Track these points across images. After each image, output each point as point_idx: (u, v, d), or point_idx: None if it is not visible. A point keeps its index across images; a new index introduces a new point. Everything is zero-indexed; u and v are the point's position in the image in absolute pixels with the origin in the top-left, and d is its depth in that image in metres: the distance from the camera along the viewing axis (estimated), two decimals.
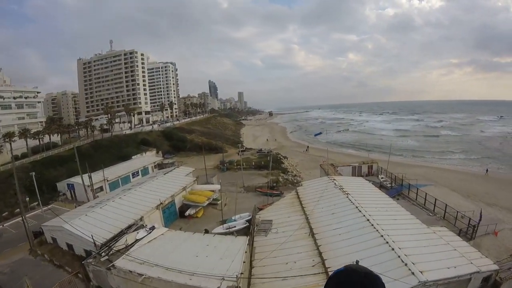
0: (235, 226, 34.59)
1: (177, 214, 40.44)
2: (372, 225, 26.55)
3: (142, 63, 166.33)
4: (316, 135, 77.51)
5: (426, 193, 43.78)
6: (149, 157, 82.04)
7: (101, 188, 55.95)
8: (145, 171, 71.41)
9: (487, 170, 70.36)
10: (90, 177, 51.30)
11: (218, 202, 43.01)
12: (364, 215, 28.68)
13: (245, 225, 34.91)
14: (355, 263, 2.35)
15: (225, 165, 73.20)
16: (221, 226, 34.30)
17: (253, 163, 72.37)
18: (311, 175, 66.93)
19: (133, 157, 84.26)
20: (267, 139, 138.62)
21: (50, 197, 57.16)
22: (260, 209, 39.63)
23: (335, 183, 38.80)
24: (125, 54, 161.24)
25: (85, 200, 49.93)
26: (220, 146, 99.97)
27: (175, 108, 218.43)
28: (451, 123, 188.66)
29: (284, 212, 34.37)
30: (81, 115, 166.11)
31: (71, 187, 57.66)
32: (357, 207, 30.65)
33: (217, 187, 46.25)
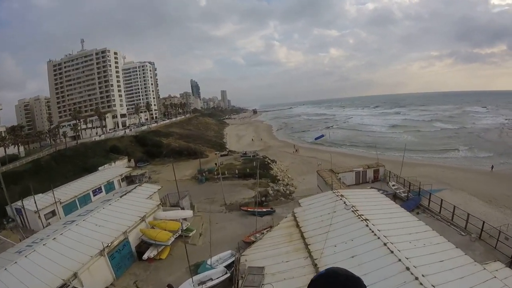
0: (211, 279, 24.18)
1: (133, 256, 29.65)
2: (417, 279, 16.82)
3: (116, 63, 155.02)
4: (317, 138, 66.78)
5: (454, 207, 34.34)
6: (117, 168, 70.95)
7: (53, 213, 45.06)
8: (109, 187, 60.53)
9: (492, 167, 62.56)
10: (34, 200, 41.21)
11: (191, 234, 32.65)
12: (399, 259, 18.84)
13: (225, 275, 24.61)
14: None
15: (204, 174, 62.40)
16: (190, 280, 23.67)
17: (237, 171, 61.95)
18: (306, 182, 57.30)
19: (99, 168, 73.25)
20: (252, 139, 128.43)
21: None
22: (246, 243, 29.72)
23: (344, 202, 28.83)
24: (96, 54, 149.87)
25: (38, 228, 40.10)
26: (200, 150, 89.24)
27: (155, 110, 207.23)
28: (440, 115, 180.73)
29: (280, 250, 24.44)
30: (53, 121, 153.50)
31: (19, 212, 46.53)
32: (385, 245, 20.76)
33: (188, 213, 35.49)
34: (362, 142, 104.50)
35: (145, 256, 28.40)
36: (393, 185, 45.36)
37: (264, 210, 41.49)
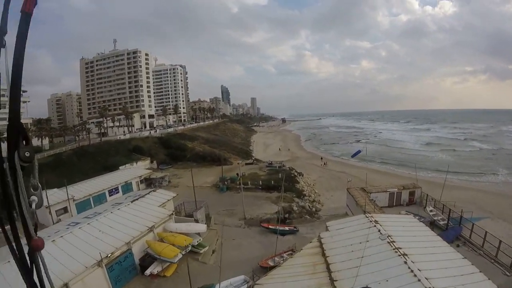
0: None
1: (136, 269, 26.30)
2: None
3: (147, 64, 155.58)
4: (354, 155, 61.67)
5: (500, 242, 29.21)
6: (137, 169, 68.77)
7: (64, 210, 42.79)
8: (127, 187, 58.20)
9: None
10: (46, 195, 38.86)
11: (202, 251, 28.99)
12: None
13: None
14: None
15: (226, 183, 58.80)
16: None
17: (260, 182, 57.90)
18: (334, 199, 52.69)
19: (120, 167, 71.50)
20: (279, 148, 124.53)
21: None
22: (263, 267, 25.95)
23: (379, 230, 24.57)
24: (128, 54, 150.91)
25: (47, 223, 37.92)
26: (224, 157, 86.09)
27: (183, 113, 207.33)
28: (474, 134, 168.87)
29: (301, 284, 20.42)
30: (83, 117, 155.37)
31: None
32: None
33: (201, 228, 31.65)
34: (393, 159, 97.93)
35: (147, 272, 24.97)
36: (431, 211, 40.28)
37: (287, 228, 37.39)
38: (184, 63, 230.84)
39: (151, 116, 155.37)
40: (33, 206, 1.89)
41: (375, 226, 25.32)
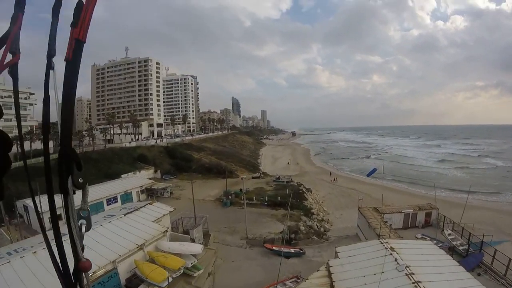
0: None
1: None
2: None
3: (157, 72, 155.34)
4: (370, 174, 57.48)
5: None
6: (139, 178, 66.32)
7: (59, 217, 40.17)
8: (126, 197, 55.89)
9: None
10: (38, 200, 36.14)
11: (196, 274, 26.01)
12: None
13: None
14: None
15: (230, 197, 55.83)
16: None
17: (266, 198, 54.63)
18: (344, 218, 49.44)
19: (122, 175, 69.29)
20: (288, 162, 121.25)
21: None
22: None
23: (396, 260, 21.50)
24: (139, 62, 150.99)
25: (39, 229, 35.21)
26: (230, 169, 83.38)
27: (193, 123, 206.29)
28: (487, 150, 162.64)
29: None
30: (92, 123, 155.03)
31: (25, 209, 43.15)
32: None
33: (196, 249, 28.31)
34: (405, 176, 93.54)
35: None
36: (449, 235, 36.76)
37: (292, 250, 34.23)
38: (196, 74, 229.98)
39: (159, 125, 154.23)
40: (83, 229, 1.92)
41: (391, 254, 22.37)
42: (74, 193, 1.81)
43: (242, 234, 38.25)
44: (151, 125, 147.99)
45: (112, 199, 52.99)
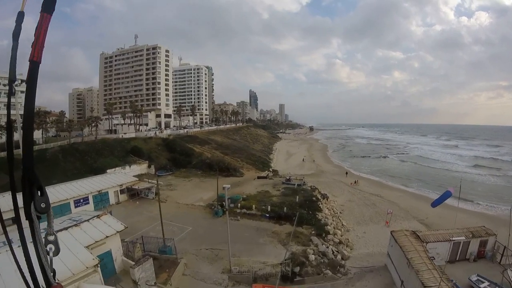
0: None
1: None
2: None
3: (167, 61, 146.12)
4: (439, 202, 42.47)
5: None
6: (120, 176, 55.50)
7: (13, 220, 30.28)
8: (100, 198, 46.31)
9: None
10: None
11: None
12: None
13: None
14: None
15: (224, 204, 44.69)
16: None
17: (269, 208, 41.76)
18: (368, 239, 37.35)
19: (108, 171, 59.68)
20: (303, 159, 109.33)
21: None
22: None
23: None
24: (147, 50, 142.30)
25: None
26: (234, 166, 72.44)
27: (205, 114, 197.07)
28: None
29: None
30: (98, 112, 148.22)
31: None
32: None
33: None
34: (434, 180, 79.74)
35: None
36: None
37: None
38: (215, 69, 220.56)
39: (167, 116, 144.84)
40: (51, 254, 1.93)
41: None
42: (40, 218, 1.79)
43: (226, 263, 27.38)
44: (158, 116, 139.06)
45: (81, 200, 43.97)
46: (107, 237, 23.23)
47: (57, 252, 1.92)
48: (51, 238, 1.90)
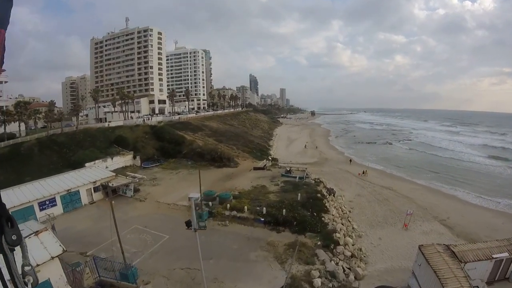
0: None
1: None
2: None
3: (159, 44, 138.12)
4: None
5: None
6: (95, 171, 48.54)
7: None
8: (70, 198, 40.02)
9: None
10: None
11: None
12: None
13: None
14: None
15: (210, 205, 38.02)
16: None
17: (264, 210, 33.79)
18: (384, 247, 30.71)
19: (87, 164, 53.02)
20: (305, 146, 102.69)
21: None
22: None
23: None
24: (138, 32, 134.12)
25: None
26: (228, 155, 65.45)
27: (203, 100, 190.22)
28: None
29: None
30: (87, 100, 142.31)
31: None
32: None
33: None
34: (446, 172, 71.32)
35: None
36: None
37: None
38: (215, 53, 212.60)
39: (162, 102, 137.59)
40: (29, 285, 1.89)
41: None
42: (13, 250, 1.77)
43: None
44: (151, 102, 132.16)
45: (47, 202, 37.84)
46: (38, 265, 16.88)
47: (35, 283, 1.84)
48: (28, 269, 1.80)
